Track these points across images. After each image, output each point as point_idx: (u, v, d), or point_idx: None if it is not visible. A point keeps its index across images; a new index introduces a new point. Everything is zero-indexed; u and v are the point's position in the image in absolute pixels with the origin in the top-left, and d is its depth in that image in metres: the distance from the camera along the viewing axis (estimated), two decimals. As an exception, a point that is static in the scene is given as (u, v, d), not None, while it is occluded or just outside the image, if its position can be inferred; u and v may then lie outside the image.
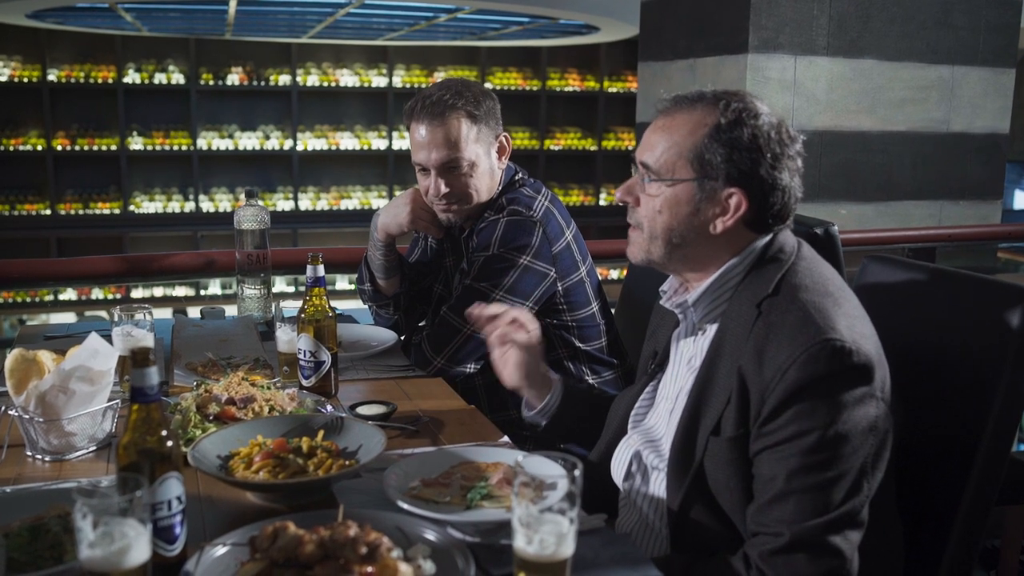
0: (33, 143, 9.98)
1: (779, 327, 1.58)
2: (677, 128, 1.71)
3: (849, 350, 1.52)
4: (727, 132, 1.65)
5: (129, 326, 2.20)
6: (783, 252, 1.70)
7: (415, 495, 1.66)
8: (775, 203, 1.67)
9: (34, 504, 1.56)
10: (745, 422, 1.60)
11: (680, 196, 1.70)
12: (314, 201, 11.01)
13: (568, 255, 2.53)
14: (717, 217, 1.68)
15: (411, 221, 2.65)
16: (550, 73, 11.35)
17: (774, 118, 1.68)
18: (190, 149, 10.49)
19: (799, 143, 1.70)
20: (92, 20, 9.16)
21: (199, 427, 1.92)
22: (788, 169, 1.67)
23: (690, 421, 1.69)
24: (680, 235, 1.71)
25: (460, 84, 2.52)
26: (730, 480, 1.63)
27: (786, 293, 1.63)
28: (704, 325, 1.77)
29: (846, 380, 1.53)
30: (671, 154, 1.70)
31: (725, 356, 1.66)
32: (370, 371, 2.49)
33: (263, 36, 10.22)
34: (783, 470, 1.54)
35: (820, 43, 3.64)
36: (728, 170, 1.66)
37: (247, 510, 1.66)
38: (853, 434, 1.52)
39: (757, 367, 1.57)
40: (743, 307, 1.67)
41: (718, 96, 1.70)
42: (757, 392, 1.57)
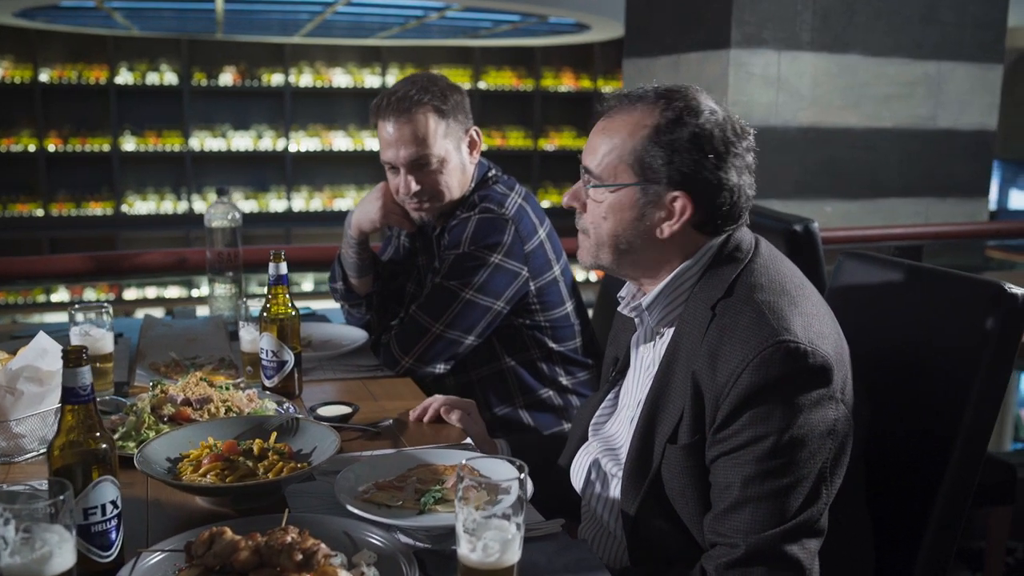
0: (25, 143, 9.92)
1: (732, 329, 1.53)
2: (617, 130, 1.64)
3: (804, 351, 1.46)
4: (666, 134, 1.59)
5: (88, 325, 2.16)
6: (739, 251, 1.64)
7: (367, 498, 1.62)
8: (723, 204, 1.60)
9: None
10: (701, 428, 1.55)
11: (623, 201, 1.64)
12: (307, 201, 10.96)
13: (541, 254, 2.49)
14: (663, 222, 1.62)
15: (383, 216, 2.60)
16: (544, 72, 11.29)
17: (719, 115, 1.61)
18: (183, 149, 10.44)
19: (749, 138, 1.63)
20: (83, 20, 9.11)
21: (153, 428, 1.88)
22: (735, 168, 1.60)
23: (646, 429, 1.64)
24: (627, 241, 1.66)
25: (426, 79, 2.47)
26: (687, 489, 1.58)
27: (740, 294, 1.58)
28: (661, 329, 1.72)
29: (802, 382, 1.47)
30: (611, 158, 1.64)
31: (680, 361, 1.61)
32: (338, 371, 2.44)
33: (255, 36, 10.17)
34: (738, 477, 1.49)
35: (804, 38, 3.59)
36: (670, 173, 1.59)
37: (195, 514, 1.61)
38: (810, 438, 1.47)
39: (711, 371, 1.53)
40: (698, 310, 1.62)
41: (659, 94, 1.63)
42: (711, 397, 1.53)
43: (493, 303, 2.41)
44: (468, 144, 2.53)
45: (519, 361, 2.53)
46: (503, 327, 2.49)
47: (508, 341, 2.52)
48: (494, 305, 2.41)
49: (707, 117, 1.58)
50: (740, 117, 1.65)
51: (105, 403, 2.05)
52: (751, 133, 1.64)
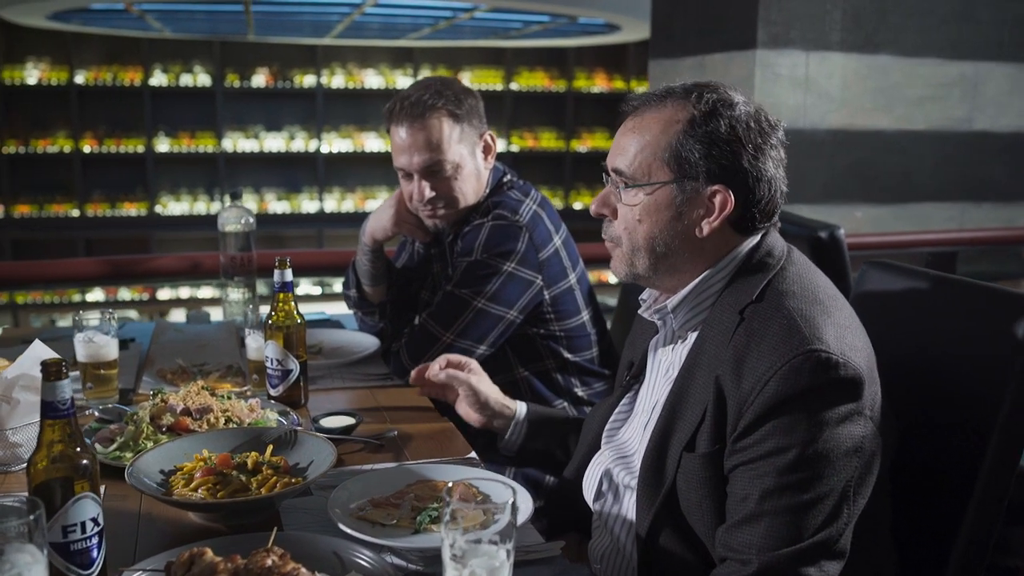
0: (61, 144, 10.02)
1: (761, 335, 1.47)
2: (648, 127, 1.58)
3: (836, 362, 1.40)
4: (703, 125, 1.54)
5: (91, 332, 2.13)
6: (771, 256, 1.58)
7: (361, 516, 1.57)
8: (762, 197, 1.55)
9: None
10: (721, 437, 1.49)
11: (660, 201, 1.58)
12: (339, 202, 10.96)
13: (556, 262, 2.42)
14: (702, 219, 1.57)
15: (395, 225, 2.56)
16: (577, 73, 11.22)
17: (751, 107, 1.57)
18: (216, 150, 10.49)
19: (780, 131, 1.58)
20: (117, 22, 9.18)
21: (151, 439, 1.84)
22: (772, 159, 1.55)
23: (662, 435, 1.58)
24: (664, 243, 1.59)
25: (440, 83, 2.42)
26: (703, 501, 1.51)
27: (771, 300, 1.52)
28: (684, 333, 1.66)
29: (830, 395, 1.41)
30: (645, 156, 1.58)
31: (703, 365, 1.55)
32: (347, 379, 2.40)
33: (287, 37, 10.19)
34: (756, 489, 1.43)
35: (834, 38, 3.50)
36: (708, 167, 1.54)
37: (186, 530, 1.57)
38: (835, 454, 1.40)
39: (735, 377, 1.46)
40: (725, 314, 1.56)
41: (688, 89, 1.58)
42: (735, 404, 1.46)
43: (506, 312, 2.35)
44: (483, 149, 2.48)
45: (533, 371, 2.47)
46: (517, 336, 2.43)
47: (522, 351, 2.46)
48: (507, 314, 2.35)
49: (741, 108, 1.54)
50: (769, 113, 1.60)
51: (107, 411, 2.02)
52: (781, 126, 1.59)
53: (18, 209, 10.03)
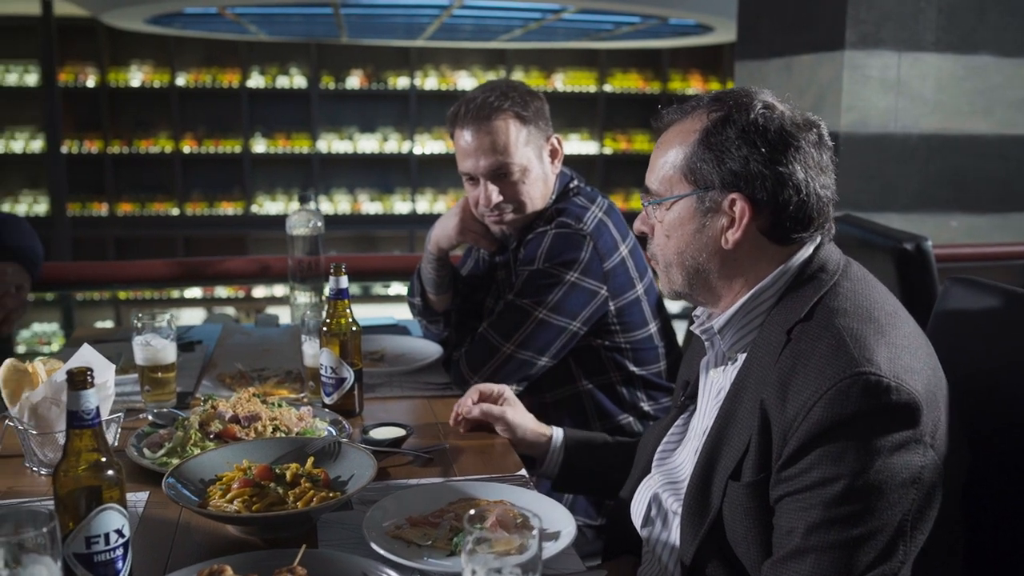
0: (162, 145, 10.31)
1: (807, 356, 1.38)
2: (670, 142, 1.55)
3: (887, 386, 1.30)
4: (714, 134, 1.48)
5: (149, 335, 2.13)
6: (824, 271, 1.49)
7: (397, 534, 1.52)
8: (788, 203, 1.46)
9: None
10: (766, 465, 1.41)
11: (682, 214, 1.53)
12: (431, 203, 11.02)
13: (622, 272, 2.34)
14: (726, 230, 1.50)
15: (460, 233, 2.51)
16: (671, 75, 11.07)
17: (777, 109, 1.48)
18: (311, 151, 10.65)
19: (814, 131, 1.49)
20: (216, 26, 9.39)
21: (198, 445, 1.82)
22: (800, 163, 1.46)
23: (708, 462, 1.50)
24: (692, 258, 1.54)
25: (505, 85, 2.37)
26: (749, 532, 1.43)
27: (820, 318, 1.43)
28: (734, 354, 1.57)
29: (882, 421, 1.31)
30: (666, 171, 1.55)
31: (749, 389, 1.46)
32: (406, 388, 2.36)
33: (380, 39, 10.28)
34: (802, 522, 1.34)
35: (928, 38, 3.32)
36: (722, 175, 1.48)
37: (221, 542, 1.55)
38: (889, 486, 1.31)
39: (780, 402, 1.38)
40: (772, 334, 1.47)
41: (714, 98, 1.53)
42: (779, 430, 1.38)
43: (568, 323, 2.28)
44: (550, 152, 2.41)
45: (597, 384, 2.40)
46: (580, 348, 2.36)
47: (586, 363, 2.39)
48: (569, 325, 2.28)
49: (759, 112, 1.47)
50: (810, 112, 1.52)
51: (161, 415, 2.02)
52: (818, 125, 1.51)
53: (121, 208, 10.35)
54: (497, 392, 2.06)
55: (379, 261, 3.93)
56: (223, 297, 10.87)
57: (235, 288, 10.70)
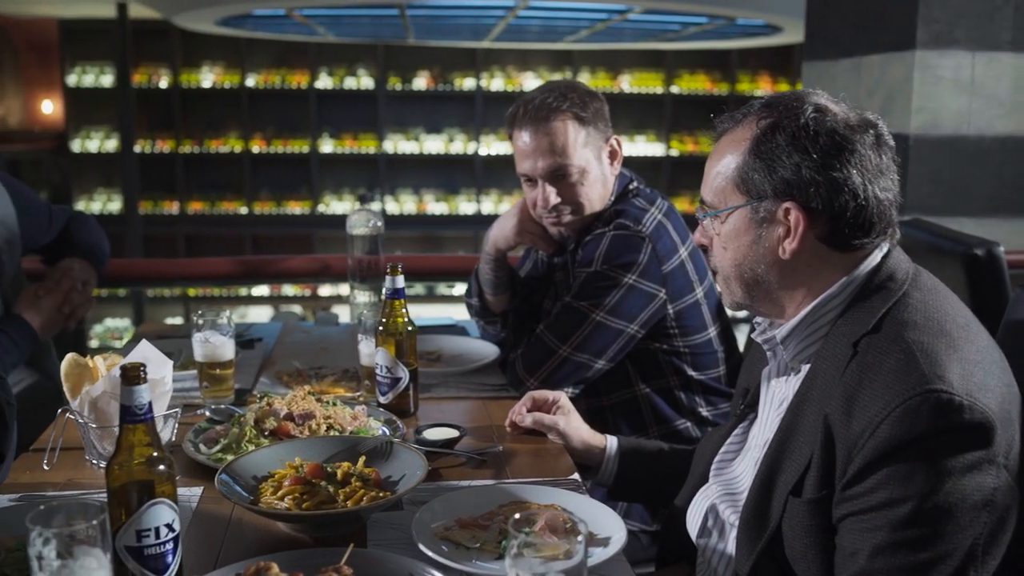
0: (232, 145, 10.49)
1: (875, 371, 1.33)
2: (722, 152, 1.52)
3: (959, 405, 1.25)
4: (764, 143, 1.44)
5: (208, 332, 2.15)
6: (892, 281, 1.44)
7: (445, 536, 1.51)
8: (845, 209, 1.41)
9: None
10: (829, 482, 1.36)
11: (737, 226, 1.50)
12: (496, 204, 11.03)
13: (681, 275, 2.31)
14: (783, 240, 1.46)
15: (518, 234, 2.49)
16: (740, 76, 10.93)
17: (830, 112, 1.44)
18: (377, 152, 10.74)
19: (871, 132, 1.44)
20: (286, 27, 9.52)
21: (253, 442, 1.84)
22: (857, 167, 1.41)
23: (768, 476, 1.46)
24: (750, 269, 1.51)
25: (564, 86, 2.35)
26: (809, 550, 1.39)
27: (889, 331, 1.38)
28: (797, 365, 1.53)
29: (953, 441, 1.26)
30: (719, 183, 1.52)
31: (812, 402, 1.42)
32: (462, 388, 2.35)
33: (447, 41, 10.33)
34: (867, 544, 1.29)
35: (1004, 37, 3.22)
36: (774, 184, 1.44)
37: (271, 538, 1.55)
38: (960, 509, 1.25)
39: (845, 417, 1.33)
40: (838, 346, 1.42)
41: (766, 104, 1.49)
42: (844, 447, 1.33)
43: (626, 326, 2.26)
44: (609, 154, 2.39)
45: (655, 388, 2.37)
46: (638, 351, 2.33)
47: (643, 366, 2.36)
48: (627, 328, 2.26)
49: (809, 116, 1.42)
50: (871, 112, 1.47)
51: (218, 412, 2.04)
52: (875, 125, 1.45)
53: (192, 206, 10.55)
54: (552, 399, 2.04)
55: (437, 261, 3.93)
56: (290, 295, 11.02)
57: (301, 287, 10.84)
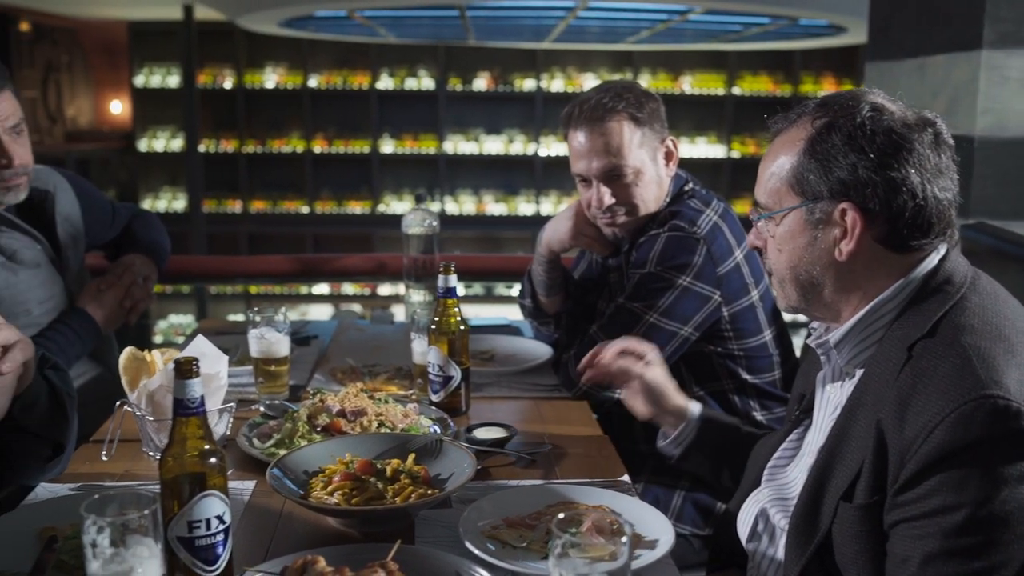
0: (294, 145, 10.63)
1: (929, 376, 1.31)
2: (776, 153, 1.50)
3: (1017, 411, 1.23)
4: (819, 142, 1.42)
5: (264, 328, 2.18)
6: (950, 284, 1.41)
7: (492, 534, 1.52)
8: (903, 209, 1.39)
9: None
10: (881, 488, 1.34)
11: (793, 227, 1.48)
12: (556, 206, 11.03)
13: (737, 277, 2.29)
14: (839, 241, 1.43)
15: (573, 237, 2.48)
16: (803, 77, 10.79)
17: (886, 111, 1.41)
18: (437, 152, 10.81)
19: (930, 130, 1.41)
20: (348, 29, 9.62)
21: (305, 437, 1.86)
22: (915, 166, 1.38)
23: (819, 481, 1.44)
24: (806, 271, 1.49)
25: (620, 86, 2.34)
26: (859, 556, 1.36)
27: (945, 335, 1.35)
28: (851, 369, 1.51)
29: (1010, 448, 1.23)
30: (773, 184, 1.50)
31: (865, 407, 1.40)
32: (514, 388, 2.35)
33: (507, 42, 10.35)
34: (919, 552, 1.27)
35: (1075, 38, 3.13)
36: (830, 184, 1.42)
37: (320, 533, 1.57)
38: (1016, 518, 1.23)
39: (898, 422, 1.31)
40: (892, 350, 1.40)
41: (819, 104, 1.47)
42: (896, 452, 1.31)
43: (679, 328, 2.24)
44: (664, 155, 2.37)
45: (709, 391, 2.35)
46: (692, 354, 2.31)
47: (697, 369, 2.34)
48: (680, 330, 2.24)
49: (865, 115, 1.40)
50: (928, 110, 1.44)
51: (272, 407, 2.07)
52: (933, 124, 1.42)
53: (254, 205, 10.72)
54: (641, 351, 1.97)
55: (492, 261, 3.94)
56: (349, 294, 11.12)
57: (361, 285, 10.93)
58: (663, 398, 1.94)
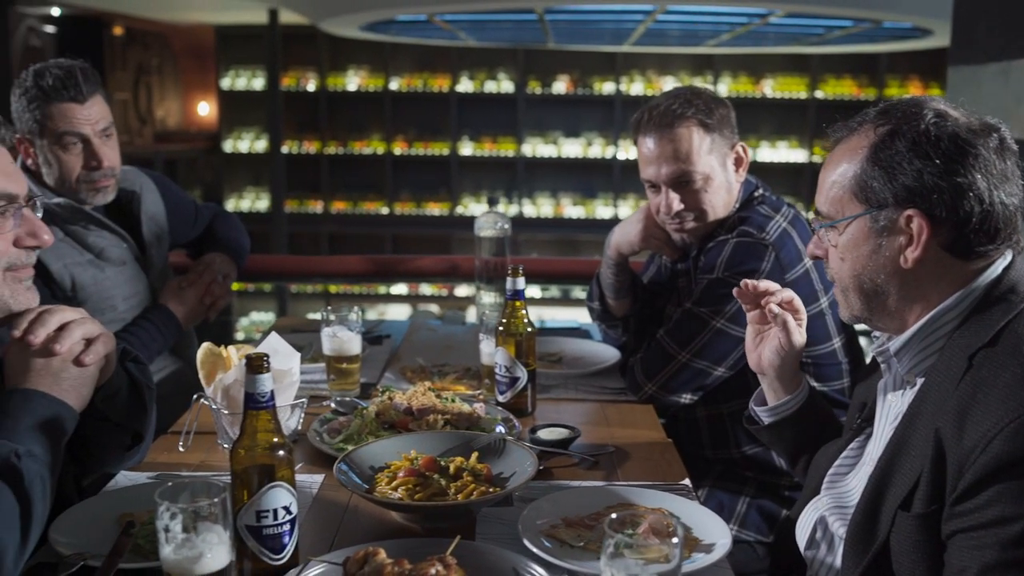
0: (375, 146, 10.80)
1: (990, 385, 1.30)
2: (837, 161, 1.50)
3: None
4: (883, 149, 1.42)
5: (337, 327, 2.24)
6: (1014, 293, 1.40)
7: (551, 533, 1.54)
8: (970, 216, 1.38)
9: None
10: (939, 497, 1.33)
11: (856, 236, 1.48)
12: (633, 209, 10.96)
13: (806, 284, 2.27)
14: (904, 249, 1.42)
15: (642, 240, 2.50)
16: (888, 81, 10.58)
17: (950, 117, 1.40)
18: (516, 155, 10.86)
19: (995, 136, 1.40)
20: (429, 33, 9.74)
21: (373, 434, 1.91)
22: (982, 171, 1.37)
23: (877, 489, 1.44)
24: (870, 280, 1.48)
25: (690, 92, 2.34)
26: (917, 567, 1.36)
27: (1007, 344, 1.34)
28: (912, 378, 1.50)
29: None
30: (835, 192, 1.50)
31: (925, 416, 1.39)
32: (581, 390, 2.38)
33: (587, 45, 10.35)
34: (976, 562, 1.26)
35: None
36: (895, 191, 1.41)
37: (384, 527, 1.62)
38: None
39: (957, 431, 1.30)
40: (953, 359, 1.39)
41: (881, 111, 1.47)
42: (955, 462, 1.30)
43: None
44: (734, 161, 2.37)
45: (776, 396, 2.33)
46: (759, 359, 2.30)
47: (763, 375, 2.33)
48: (746, 337, 2.23)
49: (929, 121, 1.39)
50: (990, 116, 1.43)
51: (343, 403, 2.12)
52: (998, 130, 1.41)
53: (335, 205, 10.91)
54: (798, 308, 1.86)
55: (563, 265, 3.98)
56: (427, 295, 11.24)
57: (437, 286, 11.04)
58: (792, 361, 1.84)
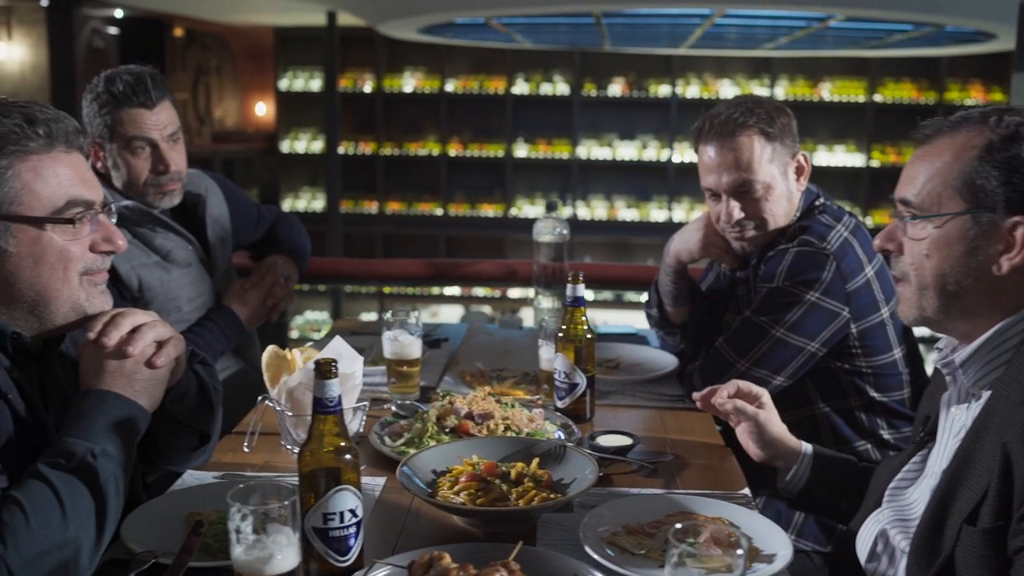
0: (430, 148, 10.85)
1: None
2: (939, 155, 1.46)
3: None
4: (1002, 150, 1.39)
5: (398, 331, 2.27)
6: None
7: (612, 540, 1.55)
8: None
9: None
10: (1007, 512, 1.32)
11: (951, 234, 1.44)
12: (688, 212, 10.93)
13: (867, 294, 2.26)
14: (1001, 255, 1.41)
15: (702, 248, 2.50)
16: (949, 85, 10.39)
17: None
18: (570, 157, 10.86)
19: None
20: (484, 35, 9.77)
21: (434, 438, 1.93)
22: None
23: (942, 503, 1.42)
24: (955, 281, 1.45)
25: (751, 100, 2.34)
26: None
27: None
28: (978, 391, 1.49)
29: None
30: (934, 184, 1.45)
31: (992, 429, 1.38)
32: (639, 397, 2.38)
33: (643, 47, 10.31)
34: None
35: None
36: (1008, 196, 1.39)
37: (446, 531, 1.64)
38: None
39: None
40: (1021, 372, 1.38)
41: (986, 113, 1.44)
42: (1022, 476, 1.29)
43: (806, 344, 2.23)
44: (795, 170, 2.37)
45: (834, 408, 2.33)
46: (818, 369, 2.29)
47: (823, 385, 2.32)
48: (807, 346, 2.23)
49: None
50: None
51: (403, 407, 2.15)
52: None
53: (390, 206, 10.99)
54: (756, 393, 1.98)
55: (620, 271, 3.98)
56: (480, 296, 11.28)
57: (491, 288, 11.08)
58: (775, 441, 1.93)
